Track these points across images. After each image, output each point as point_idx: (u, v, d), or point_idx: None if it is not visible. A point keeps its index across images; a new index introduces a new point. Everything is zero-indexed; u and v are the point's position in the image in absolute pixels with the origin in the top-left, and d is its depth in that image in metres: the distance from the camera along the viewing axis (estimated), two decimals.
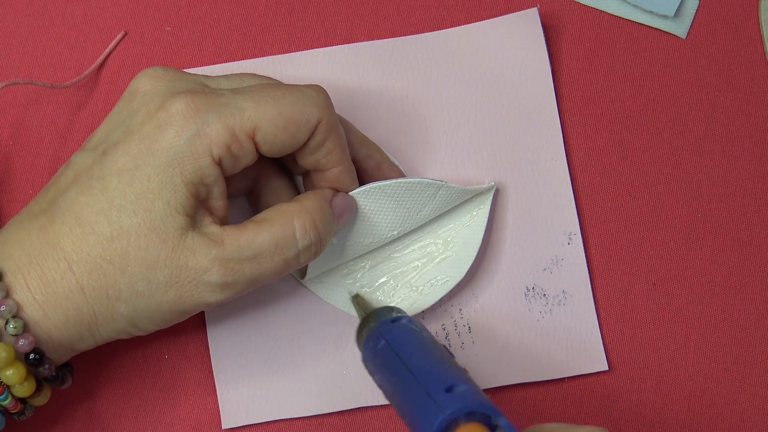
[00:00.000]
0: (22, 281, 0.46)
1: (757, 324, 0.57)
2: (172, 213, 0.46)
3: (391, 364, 0.45)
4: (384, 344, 0.46)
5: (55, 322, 0.46)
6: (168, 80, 0.48)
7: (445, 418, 0.40)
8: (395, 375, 0.44)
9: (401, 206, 0.53)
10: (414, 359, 0.44)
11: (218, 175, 0.47)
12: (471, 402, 0.40)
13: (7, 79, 0.58)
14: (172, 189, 0.46)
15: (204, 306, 0.48)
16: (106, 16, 0.59)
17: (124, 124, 0.48)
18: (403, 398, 0.43)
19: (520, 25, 0.58)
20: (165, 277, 0.46)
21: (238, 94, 0.48)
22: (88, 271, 0.46)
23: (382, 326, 0.47)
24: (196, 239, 0.46)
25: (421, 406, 0.41)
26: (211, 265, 0.46)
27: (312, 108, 0.48)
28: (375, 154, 0.54)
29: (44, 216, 0.47)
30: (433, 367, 0.44)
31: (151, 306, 0.47)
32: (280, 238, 0.48)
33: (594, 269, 0.57)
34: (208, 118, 0.47)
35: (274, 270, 0.48)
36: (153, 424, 0.55)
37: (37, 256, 0.46)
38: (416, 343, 0.46)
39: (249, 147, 0.47)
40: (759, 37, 0.59)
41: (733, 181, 0.58)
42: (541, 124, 0.58)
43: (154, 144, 0.46)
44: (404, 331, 0.47)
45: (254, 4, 0.59)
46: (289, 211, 0.49)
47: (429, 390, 0.41)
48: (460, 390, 0.41)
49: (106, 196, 0.46)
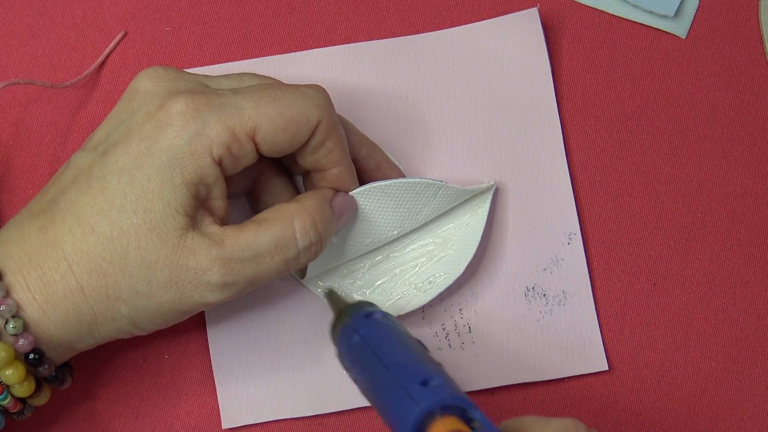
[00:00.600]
0: (22, 281, 0.46)
1: (757, 324, 0.57)
2: (173, 213, 0.46)
3: (366, 359, 0.45)
4: (358, 339, 0.46)
5: (55, 322, 0.46)
6: (168, 80, 0.48)
7: (421, 411, 0.40)
8: (370, 370, 0.44)
9: (401, 206, 0.53)
10: (388, 354, 0.44)
11: (218, 175, 0.47)
12: (446, 395, 0.40)
13: (7, 79, 0.58)
14: (173, 189, 0.46)
15: (204, 306, 0.48)
16: (106, 16, 0.59)
17: (124, 123, 0.48)
18: (378, 393, 0.43)
19: (520, 25, 0.58)
20: (165, 277, 0.46)
21: (239, 93, 0.48)
22: (88, 271, 0.46)
23: (355, 321, 0.47)
24: (197, 239, 0.46)
25: (397, 400, 0.41)
26: (212, 265, 0.46)
27: (312, 108, 0.48)
28: (375, 154, 0.54)
29: (44, 216, 0.47)
30: (408, 361, 0.44)
31: (151, 306, 0.47)
32: (280, 238, 0.48)
33: (594, 269, 0.57)
34: (208, 118, 0.46)
35: (275, 270, 0.48)
36: (153, 424, 0.55)
37: (37, 255, 0.46)
38: (390, 338, 0.46)
39: (249, 147, 0.47)
40: (759, 37, 0.59)
41: (733, 181, 0.58)
42: (541, 124, 0.58)
43: (155, 144, 0.46)
44: (378, 326, 0.47)
45: (254, 4, 0.59)
46: (289, 211, 0.49)
47: (404, 384, 0.41)
48: (434, 383, 0.41)
49: (106, 196, 0.46)
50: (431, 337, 0.56)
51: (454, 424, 0.39)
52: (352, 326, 0.47)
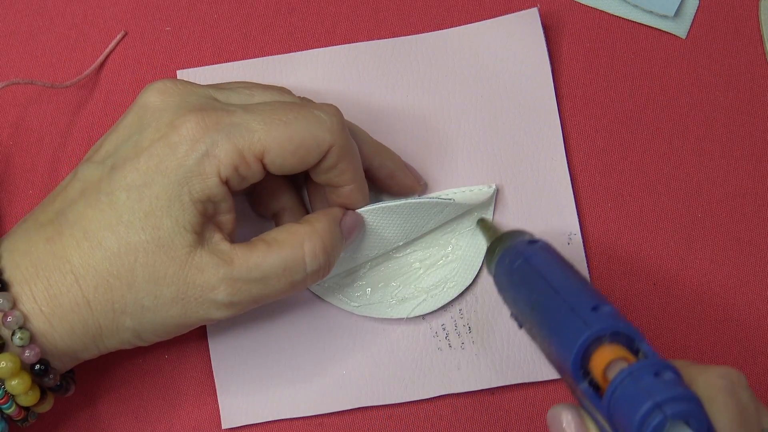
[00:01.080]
0: (29, 292, 0.46)
1: (757, 324, 0.57)
2: (181, 231, 0.46)
3: (531, 281, 0.45)
4: (521, 263, 0.46)
5: (61, 334, 0.47)
6: (178, 95, 0.48)
7: (591, 334, 0.39)
8: (535, 292, 0.44)
9: (408, 222, 0.54)
10: (557, 278, 0.44)
11: (225, 193, 0.47)
12: (617, 322, 0.40)
13: (7, 79, 0.58)
14: (181, 207, 0.46)
15: (207, 321, 0.48)
16: (106, 16, 0.59)
17: (133, 139, 0.47)
18: (543, 315, 0.43)
19: (520, 25, 0.58)
20: (171, 293, 0.46)
21: (249, 113, 0.47)
22: (94, 286, 0.46)
23: (519, 246, 0.47)
24: (205, 257, 0.47)
25: (566, 322, 0.41)
26: (219, 284, 0.47)
27: (324, 133, 0.48)
28: (388, 163, 0.54)
29: (51, 227, 0.47)
30: (577, 286, 0.43)
31: (156, 320, 0.47)
32: (289, 261, 0.48)
33: (594, 269, 0.57)
34: (217, 139, 0.46)
35: (280, 291, 0.48)
36: (153, 425, 0.55)
37: (44, 267, 0.46)
38: (557, 264, 0.46)
39: (257, 168, 0.47)
40: (759, 37, 0.59)
41: (733, 181, 0.58)
42: (541, 124, 0.58)
43: (164, 162, 0.46)
44: (544, 252, 0.47)
45: (254, 4, 0.59)
46: (300, 234, 0.48)
47: (574, 307, 0.41)
48: (605, 310, 0.41)
49: (115, 212, 0.46)
50: (431, 337, 0.56)
51: (621, 351, 0.39)
52: (515, 251, 0.47)
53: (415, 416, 0.56)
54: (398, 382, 0.55)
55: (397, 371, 0.55)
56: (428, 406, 0.56)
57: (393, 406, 0.56)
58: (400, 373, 0.55)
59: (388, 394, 0.55)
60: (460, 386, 0.55)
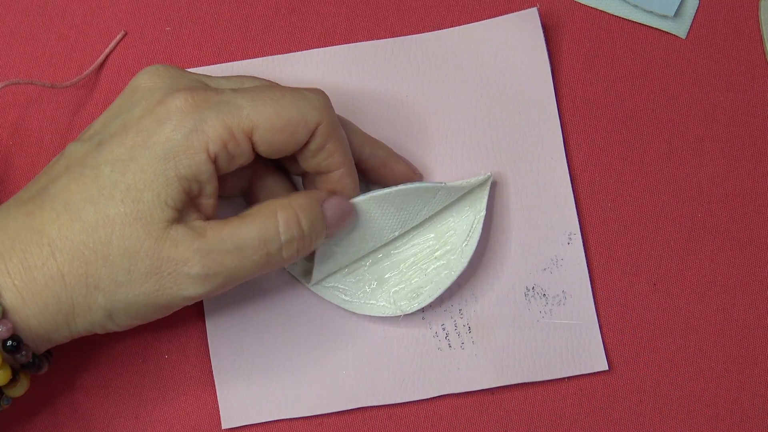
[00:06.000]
0: (2, 266, 0.46)
1: (757, 324, 0.57)
2: (161, 205, 0.46)
3: None
4: None
5: (34, 311, 0.46)
6: (169, 77, 0.48)
7: None
8: None
9: (402, 210, 0.54)
10: None
11: (212, 173, 0.47)
12: None
13: (7, 79, 0.58)
14: (165, 182, 0.46)
15: (183, 300, 0.47)
16: (106, 16, 0.59)
17: (121, 117, 0.48)
18: None
19: (520, 25, 0.58)
20: (146, 267, 0.46)
21: (238, 93, 0.48)
22: (69, 259, 0.46)
23: None
24: (180, 231, 0.46)
25: None
26: (193, 255, 0.46)
27: (311, 110, 0.48)
28: (379, 151, 0.54)
29: (33, 202, 0.47)
30: None
31: (129, 297, 0.46)
32: (263, 230, 0.48)
33: (594, 269, 0.57)
34: (206, 115, 0.47)
35: (257, 263, 0.48)
36: (153, 424, 0.55)
37: (20, 241, 0.46)
38: None
39: (246, 146, 0.48)
40: (759, 37, 0.59)
41: (733, 181, 0.58)
42: (541, 124, 0.58)
43: (151, 137, 0.46)
44: None
45: (254, 4, 0.59)
46: (274, 205, 0.49)
47: None
48: None
49: (97, 185, 0.46)
50: (431, 337, 0.56)
51: None
52: None
53: (415, 416, 0.56)
54: (398, 382, 0.55)
55: (397, 371, 0.55)
56: (428, 406, 0.56)
57: (393, 406, 0.56)
58: (400, 373, 0.55)
59: (388, 394, 0.55)
60: (460, 386, 0.55)
